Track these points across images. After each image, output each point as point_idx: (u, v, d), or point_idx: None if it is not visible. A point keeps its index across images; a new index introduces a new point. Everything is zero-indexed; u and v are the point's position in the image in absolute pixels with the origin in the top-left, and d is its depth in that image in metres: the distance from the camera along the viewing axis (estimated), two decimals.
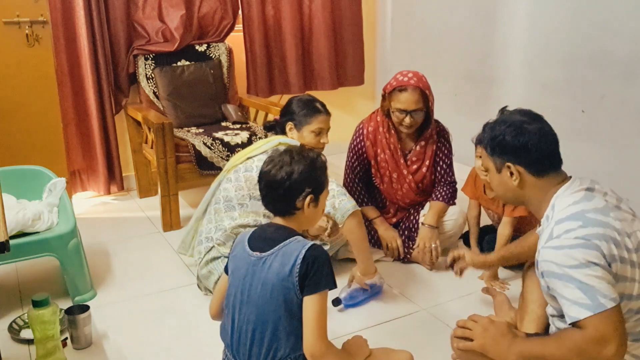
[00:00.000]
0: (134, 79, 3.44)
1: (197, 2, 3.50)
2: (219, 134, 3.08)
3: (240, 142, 3.02)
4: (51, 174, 2.56)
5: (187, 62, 3.46)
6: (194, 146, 2.98)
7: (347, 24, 4.07)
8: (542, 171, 1.47)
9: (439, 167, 2.62)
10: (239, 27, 3.75)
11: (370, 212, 2.66)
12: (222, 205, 2.26)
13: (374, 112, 2.65)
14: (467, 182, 2.60)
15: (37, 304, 1.81)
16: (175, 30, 3.42)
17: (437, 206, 2.59)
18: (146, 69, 3.38)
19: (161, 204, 2.99)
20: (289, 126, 2.35)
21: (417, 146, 2.58)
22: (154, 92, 3.39)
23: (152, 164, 3.18)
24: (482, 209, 2.60)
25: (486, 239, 2.57)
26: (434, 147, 2.59)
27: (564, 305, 1.33)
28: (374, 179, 2.66)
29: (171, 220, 3.02)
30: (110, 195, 3.56)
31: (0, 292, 2.43)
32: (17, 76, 3.18)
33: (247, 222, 2.21)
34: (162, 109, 3.36)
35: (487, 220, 2.65)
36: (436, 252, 2.50)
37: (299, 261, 1.36)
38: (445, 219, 2.63)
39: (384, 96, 2.50)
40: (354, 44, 4.13)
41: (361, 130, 2.63)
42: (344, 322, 2.11)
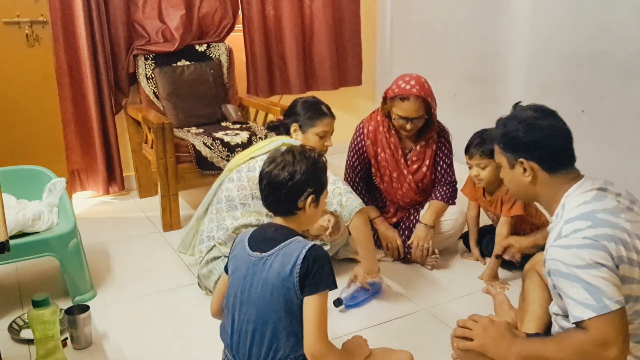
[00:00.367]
0: (134, 79, 3.44)
1: (197, 2, 3.51)
2: (219, 134, 3.08)
3: (240, 142, 3.02)
4: (51, 174, 2.56)
5: (187, 62, 3.46)
6: (194, 146, 2.98)
7: (347, 24, 4.07)
8: (555, 167, 1.46)
9: (439, 167, 2.62)
10: (239, 27, 3.75)
11: (370, 211, 2.65)
12: (224, 205, 2.26)
13: (374, 112, 2.64)
14: (466, 184, 2.60)
15: (37, 304, 1.81)
16: (175, 30, 3.42)
17: (435, 205, 2.59)
18: (146, 69, 3.38)
19: (161, 204, 2.99)
20: (294, 127, 2.35)
21: (417, 146, 2.58)
22: (154, 92, 3.39)
23: (152, 164, 3.18)
24: (482, 209, 2.61)
25: (486, 239, 2.57)
26: (434, 147, 2.59)
27: (569, 304, 1.32)
28: (374, 178, 2.66)
29: (171, 220, 3.02)
30: (110, 195, 3.57)
31: (0, 292, 2.43)
32: (17, 76, 3.18)
33: (250, 221, 2.21)
34: (162, 109, 3.36)
35: (486, 220, 2.65)
36: (427, 252, 2.50)
37: (300, 261, 1.36)
38: (445, 219, 2.63)
39: (385, 99, 2.50)
40: (352, 44, 4.14)
41: (361, 129, 2.63)
42: (344, 322, 2.11)
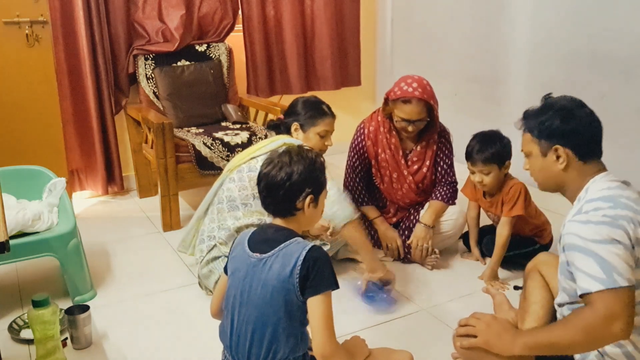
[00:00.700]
0: (134, 79, 3.44)
1: (197, 2, 3.50)
2: (219, 134, 3.08)
3: (240, 142, 3.02)
4: (51, 174, 2.56)
5: (187, 62, 3.46)
6: (194, 146, 2.98)
7: (347, 24, 4.07)
8: (588, 156, 1.49)
9: (439, 168, 2.62)
10: (239, 27, 3.75)
11: (370, 212, 2.66)
12: (225, 205, 2.26)
13: (375, 112, 2.64)
14: (466, 184, 2.60)
15: (37, 304, 1.81)
16: (175, 30, 3.41)
17: (435, 205, 2.59)
18: (146, 69, 3.38)
19: (161, 204, 2.99)
20: (295, 126, 2.35)
21: (417, 146, 2.58)
22: (154, 92, 3.39)
23: (152, 164, 3.18)
24: (482, 209, 2.60)
25: (486, 240, 2.57)
26: (435, 147, 2.58)
27: (578, 277, 1.33)
28: (374, 178, 2.66)
29: (171, 220, 3.02)
30: (109, 195, 3.57)
31: (0, 292, 2.43)
32: (17, 76, 3.18)
33: (252, 221, 2.21)
34: (162, 109, 3.36)
35: (487, 220, 2.65)
36: (426, 252, 2.51)
37: (300, 263, 1.35)
38: (445, 219, 2.63)
39: (387, 101, 2.49)
40: (352, 44, 4.14)
41: (362, 129, 2.62)
42: (343, 322, 2.09)
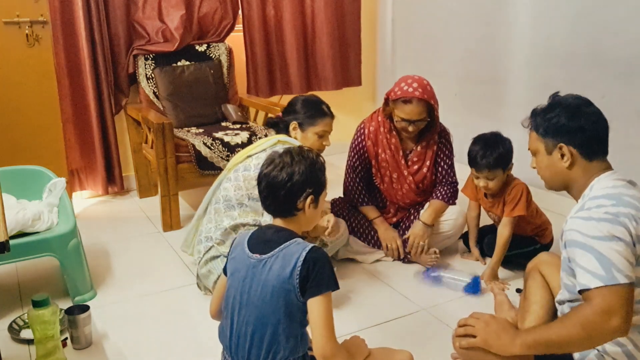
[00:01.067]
0: (134, 79, 3.44)
1: (197, 2, 3.50)
2: (219, 134, 3.08)
3: (240, 142, 3.02)
4: (51, 174, 2.56)
5: (187, 62, 3.46)
6: (194, 146, 2.98)
7: (348, 24, 4.07)
8: (592, 154, 1.49)
9: (440, 168, 2.62)
10: (239, 27, 3.75)
11: (370, 212, 2.66)
12: (221, 205, 2.26)
13: (375, 112, 2.64)
14: (467, 184, 2.59)
15: (37, 304, 1.81)
16: (175, 30, 3.41)
17: (435, 205, 2.59)
18: (146, 69, 3.38)
19: (161, 204, 2.99)
20: (293, 125, 2.34)
21: (418, 147, 2.58)
22: (154, 92, 3.39)
23: (152, 164, 3.18)
24: (483, 209, 2.60)
25: (486, 240, 2.57)
26: (435, 147, 2.58)
27: (578, 273, 1.33)
28: (374, 178, 2.66)
29: (171, 220, 3.01)
30: (109, 195, 3.57)
31: (0, 292, 2.43)
32: (17, 76, 3.18)
33: (247, 221, 2.21)
34: (162, 109, 3.36)
35: (487, 220, 2.65)
36: (421, 250, 2.51)
37: (300, 264, 1.35)
38: (444, 219, 2.62)
39: (387, 101, 2.49)
40: (353, 44, 4.13)
41: (362, 129, 2.62)
42: (344, 322, 2.10)
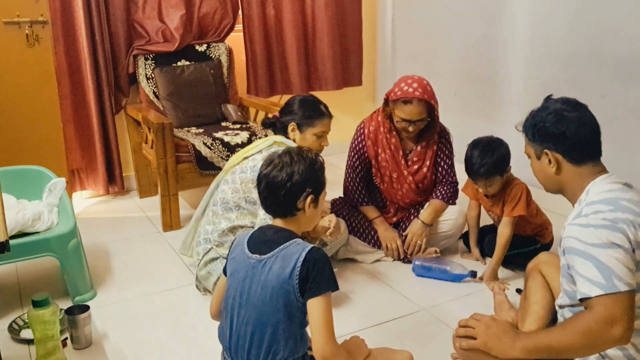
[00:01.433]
0: (134, 79, 3.44)
1: (197, 2, 3.50)
2: (219, 134, 3.08)
3: (240, 142, 3.02)
4: (51, 174, 2.56)
5: (187, 62, 3.46)
6: (194, 146, 2.98)
7: (348, 24, 4.07)
8: (580, 159, 1.48)
9: (440, 168, 2.62)
10: (239, 27, 3.75)
11: (370, 212, 2.66)
12: (219, 207, 2.26)
13: (375, 112, 2.64)
14: (467, 183, 2.59)
15: (37, 304, 1.81)
16: (175, 30, 3.41)
17: (435, 204, 2.59)
18: (146, 69, 3.38)
19: (161, 204, 2.99)
20: (292, 127, 2.33)
21: (418, 146, 2.58)
22: (154, 92, 3.39)
23: (152, 164, 3.18)
24: (483, 209, 2.60)
25: (486, 240, 2.57)
26: (435, 147, 2.58)
27: (578, 281, 1.33)
28: (374, 178, 2.66)
29: (171, 220, 3.02)
30: (110, 195, 3.57)
31: (0, 292, 2.43)
32: (17, 76, 3.17)
33: (245, 223, 2.21)
34: (162, 109, 3.36)
35: (487, 220, 2.65)
36: (419, 249, 2.52)
37: (299, 264, 1.35)
38: (444, 219, 2.63)
39: (387, 102, 2.49)
40: (354, 44, 4.13)
41: (362, 129, 2.62)
42: (344, 322, 2.10)
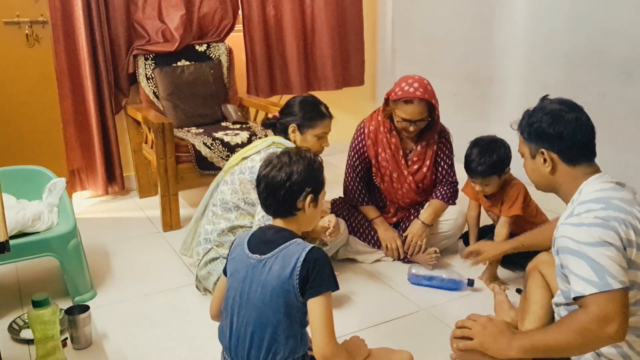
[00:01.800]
0: (134, 79, 3.44)
1: (197, 2, 3.50)
2: (219, 134, 3.08)
3: (240, 142, 3.02)
4: (51, 174, 2.56)
5: (187, 62, 3.46)
6: (194, 146, 2.98)
7: (349, 24, 4.07)
8: (575, 160, 1.49)
9: (440, 168, 2.62)
10: (239, 27, 3.75)
11: (370, 212, 2.66)
12: (218, 207, 2.26)
13: (375, 112, 2.64)
14: (467, 183, 2.59)
15: (37, 304, 1.81)
16: (175, 30, 3.41)
17: (435, 204, 2.59)
18: (146, 69, 3.38)
19: (161, 204, 2.99)
20: (292, 128, 2.32)
21: (418, 146, 2.58)
22: (154, 92, 3.39)
23: (152, 164, 3.18)
24: (483, 209, 2.60)
25: (486, 239, 2.56)
26: (435, 147, 2.58)
27: (572, 280, 1.33)
28: (374, 178, 2.66)
29: (171, 220, 3.02)
30: (110, 195, 3.57)
31: (0, 292, 2.43)
32: (17, 76, 3.18)
33: (244, 223, 2.21)
34: (162, 109, 3.36)
35: (487, 220, 2.65)
36: (419, 249, 2.52)
37: (300, 264, 1.36)
38: (444, 219, 2.63)
39: (387, 101, 2.49)
40: (354, 44, 4.13)
41: (362, 129, 2.62)
42: (343, 322, 2.10)
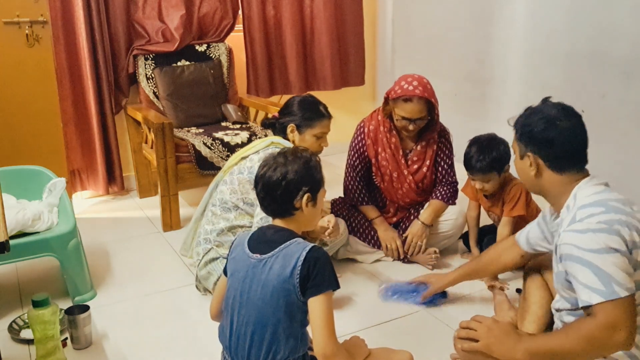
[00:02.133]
0: (134, 79, 3.44)
1: (197, 2, 3.50)
2: (219, 134, 3.08)
3: (240, 142, 3.02)
4: (51, 174, 2.56)
5: (187, 62, 3.46)
6: (194, 146, 2.98)
7: (349, 23, 4.07)
8: (562, 168, 1.48)
9: (440, 168, 2.62)
10: (239, 27, 3.75)
11: (370, 211, 2.66)
12: (218, 207, 2.26)
13: (375, 111, 2.64)
14: (467, 183, 2.60)
15: (37, 304, 1.81)
16: (175, 30, 3.41)
17: (435, 204, 2.59)
18: (146, 69, 3.38)
19: (161, 204, 2.99)
20: (291, 128, 2.32)
21: (418, 146, 2.58)
22: (154, 92, 3.39)
23: (152, 164, 3.18)
24: (483, 209, 2.60)
25: (487, 240, 2.57)
26: (435, 147, 2.58)
27: (578, 288, 1.33)
28: (374, 177, 2.65)
29: (171, 220, 3.02)
30: (110, 195, 3.57)
31: (0, 292, 2.43)
32: (17, 76, 3.18)
33: (244, 223, 2.21)
34: (162, 109, 3.36)
35: (487, 220, 2.65)
36: (419, 250, 2.52)
37: (300, 263, 1.36)
38: (444, 219, 2.63)
39: (387, 100, 2.49)
40: (355, 44, 4.13)
41: (362, 128, 2.62)
42: (344, 322, 2.10)
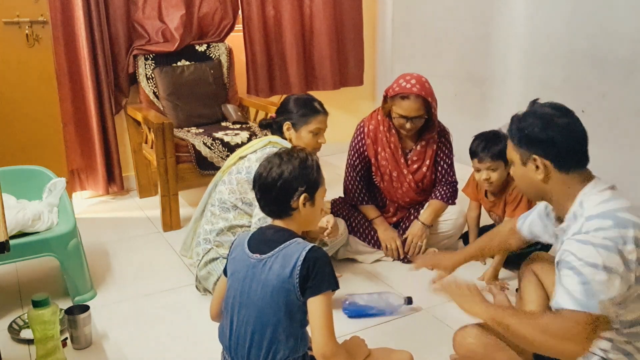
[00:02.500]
0: (134, 79, 3.44)
1: (197, 2, 3.50)
2: (219, 134, 3.08)
3: (240, 142, 3.01)
4: (51, 174, 2.56)
5: (187, 62, 3.46)
6: (194, 146, 2.98)
7: (348, 24, 4.07)
8: (568, 167, 1.46)
9: (439, 167, 2.62)
10: (239, 27, 3.75)
11: (370, 211, 2.66)
12: (217, 207, 2.26)
13: (374, 111, 2.65)
14: (468, 183, 2.59)
15: (37, 304, 1.81)
16: (175, 30, 3.41)
17: (435, 205, 2.59)
18: (146, 69, 3.38)
19: (161, 204, 2.99)
20: (287, 126, 2.31)
21: (417, 146, 2.58)
22: (154, 92, 3.39)
23: (152, 164, 3.18)
24: (483, 209, 2.60)
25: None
26: (435, 147, 2.58)
27: (558, 290, 1.33)
28: (374, 177, 2.66)
29: (171, 220, 3.02)
30: (110, 195, 3.57)
31: (0, 292, 2.43)
32: (17, 76, 3.18)
33: (243, 223, 2.21)
34: (162, 109, 3.36)
35: (487, 220, 2.65)
36: (419, 250, 2.53)
37: (300, 263, 1.36)
38: (444, 219, 2.63)
39: (386, 98, 2.50)
40: (354, 44, 4.13)
41: (362, 128, 2.62)
42: (343, 322, 2.10)
